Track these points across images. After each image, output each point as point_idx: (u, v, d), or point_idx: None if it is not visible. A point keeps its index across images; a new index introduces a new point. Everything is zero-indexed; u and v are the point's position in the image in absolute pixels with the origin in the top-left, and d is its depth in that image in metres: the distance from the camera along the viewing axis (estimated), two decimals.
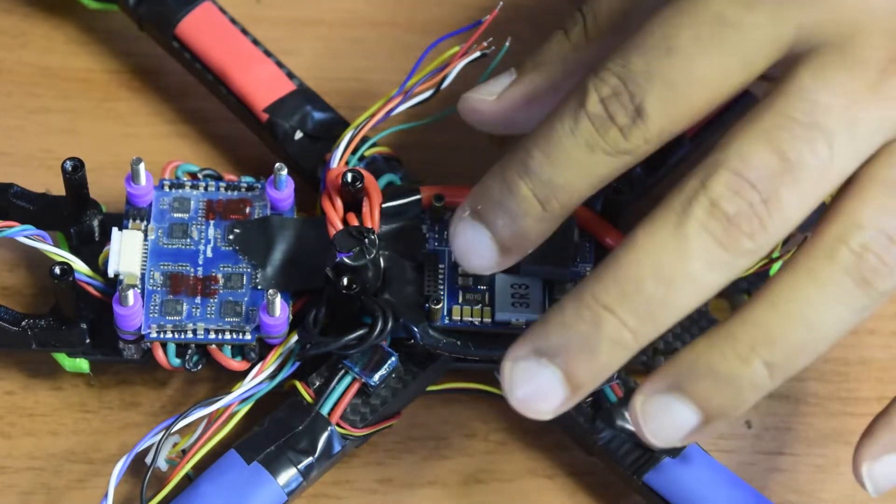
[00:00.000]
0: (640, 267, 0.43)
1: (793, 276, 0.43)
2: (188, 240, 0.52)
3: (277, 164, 0.52)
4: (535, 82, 0.50)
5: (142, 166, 0.52)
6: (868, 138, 0.44)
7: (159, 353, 0.50)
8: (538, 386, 0.44)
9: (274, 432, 0.50)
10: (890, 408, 0.46)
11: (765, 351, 0.43)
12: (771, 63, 0.45)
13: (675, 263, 0.43)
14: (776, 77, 0.45)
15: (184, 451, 0.50)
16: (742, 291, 0.55)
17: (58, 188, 0.53)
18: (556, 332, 0.44)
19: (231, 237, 0.52)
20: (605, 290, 0.43)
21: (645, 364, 0.53)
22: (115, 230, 0.51)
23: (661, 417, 0.44)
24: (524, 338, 0.44)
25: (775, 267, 0.55)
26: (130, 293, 0.49)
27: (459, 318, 0.51)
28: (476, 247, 0.46)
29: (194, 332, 0.50)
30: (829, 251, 0.43)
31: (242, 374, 0.51)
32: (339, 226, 0.51)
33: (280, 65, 0.57)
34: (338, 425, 0.50)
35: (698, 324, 0.54)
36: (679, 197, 0.43)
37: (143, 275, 0.51)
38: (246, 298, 0.51)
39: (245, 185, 0.53)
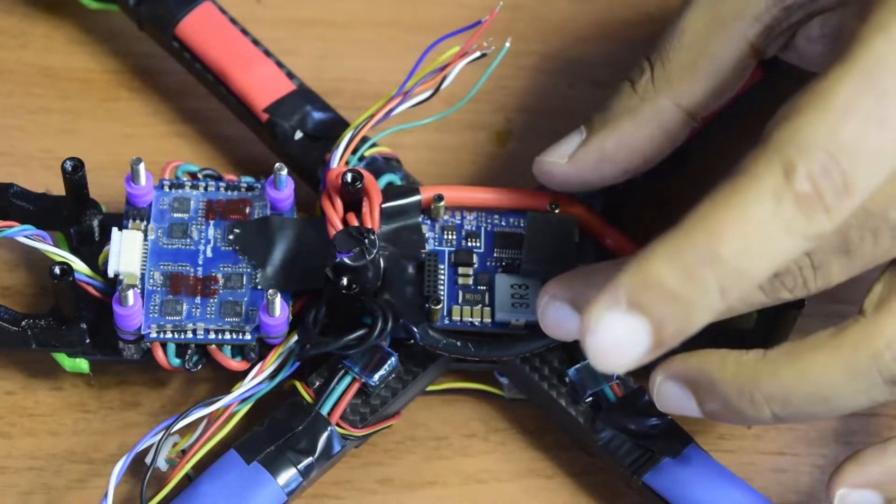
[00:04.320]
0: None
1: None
2: (188, 240, 0.52)
3: (277, 164, 0.52)
4: (605, 141, 0.50)
5: (142, 166, 0.52)
6: None
7: (159, 353, 0.50)
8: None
9: (274, 432, 0.50)
10: (887, 444, 0.47)
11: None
12: None
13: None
14: None
15: (184, 451, 0.50)
16: None
17: (58, 188, 0.53)
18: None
19: (231, 237, 0.52)
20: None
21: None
22: (115, 230, 0.51)
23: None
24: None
25: None
26: (130, 293, 0.49)
27: (459, 318, 0.51)
28: (628, 342, 0.42)
29: (194, 332, 0.50)
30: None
31: (242, 374, 0.51)
32: (339, 226, 0.51)
33: (280, 65, 0.57)
34: (338, 425, 0.50)
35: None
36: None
37: (143, 275, 0.51)
38: (246, 298, 0.51)
39: (245, 185, 0.53)
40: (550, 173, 0.51)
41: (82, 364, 0.52)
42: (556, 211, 0.53)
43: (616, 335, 0.42)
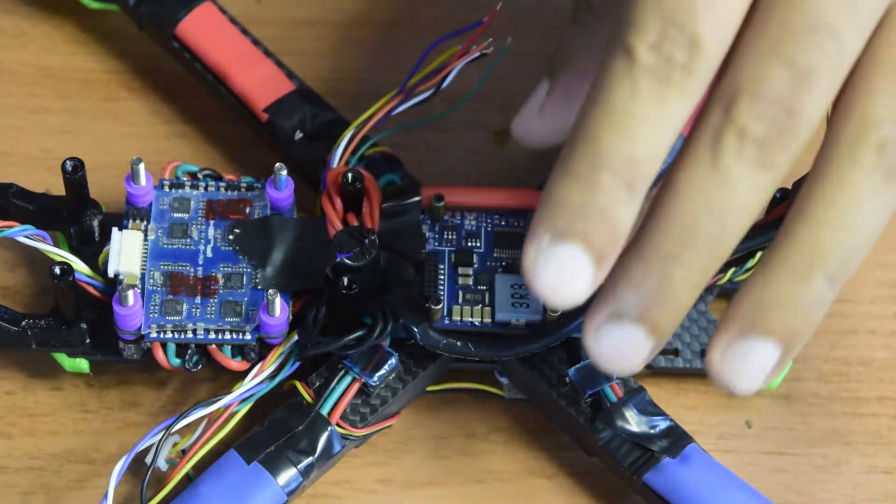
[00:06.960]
0: (692, 210, 0.43)
1: (825, 188, 0.43)
2: (188, 240, 0.52)
3: (277, 164, 0.52)
4: (568, 80, 0.50)
5: (142, 166, 0.52)
6: (869, 16, 0.43)
7: (159, 353, 0.50)
8: (623, 345, 0.44)
9: (274, 432, 0.50)
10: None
11: (821, 264, 0.43)
12: None
13: (723, 196, 0.43)
14: None
15: (184, 451, 0.50)
16: None
17: (58, 188, 0.53)
18: (629, 294, 0.43)
19: (231, 237, 0.52)
20: (665, 240, 0.43)
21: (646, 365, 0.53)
22: (115, 230, 0.51)
23: (743, 364, 0.44)
24: (596, 305, 0.44)
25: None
26: (130, 293, 0.49)
27: (459, 318, 0.51)
28: (569, 270, 0.43)
29: (194, 332, 0.50)
30: (851, 155, 0.43)
31: (242, 374, 0.51)
32: (339, 226, 0.51)
33: (280, 65, 0.57)
34: (338, 425, 0.50)
35: (697, 323, 0.54)
36: (706, 132, 0.43)
37: (143, 275, 0.51)
38: (246, 298, 0.51)
39: (245, 185, 0.53)
40: (526, 131, 0.51)
41: (82, 364, 0.52)
42: None
43: (555, 268, 0.42)
